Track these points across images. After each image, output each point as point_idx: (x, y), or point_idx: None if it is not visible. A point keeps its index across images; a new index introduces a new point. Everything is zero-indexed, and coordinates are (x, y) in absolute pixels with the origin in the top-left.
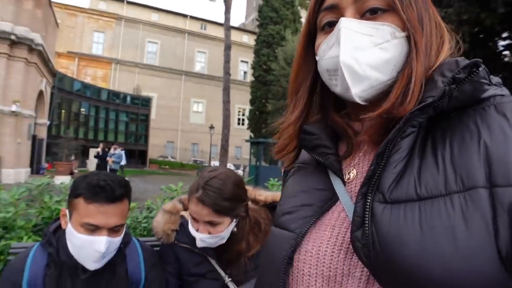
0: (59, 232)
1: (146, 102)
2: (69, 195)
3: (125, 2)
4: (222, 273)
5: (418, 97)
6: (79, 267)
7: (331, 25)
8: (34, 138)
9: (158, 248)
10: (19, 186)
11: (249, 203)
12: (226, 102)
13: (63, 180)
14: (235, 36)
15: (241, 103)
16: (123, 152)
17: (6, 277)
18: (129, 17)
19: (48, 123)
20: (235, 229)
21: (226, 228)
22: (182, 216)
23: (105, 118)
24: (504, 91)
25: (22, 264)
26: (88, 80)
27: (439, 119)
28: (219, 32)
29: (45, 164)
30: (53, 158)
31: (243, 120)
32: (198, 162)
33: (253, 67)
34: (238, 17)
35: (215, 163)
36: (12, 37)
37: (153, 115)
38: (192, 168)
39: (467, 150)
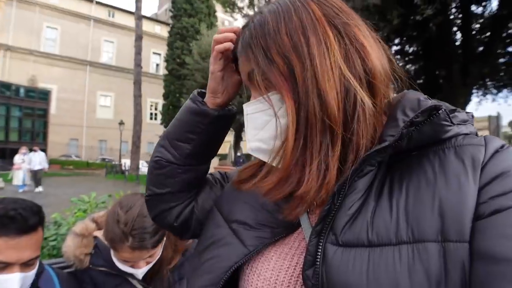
0: None
1: (44, 95)
2: None
3: None
4: None
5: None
6: None
7: None
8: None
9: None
10: None
11: None
12: (138, 96)
13: None
14: (146, 26)
15: (154, 97)
16: (42, 153)
17: None
18: None
19: None
20: None
21: (160, 250)
22: (95, 237)
23: None
24: (469, 128)
25: None
26: None
27: (399, 156)
28: (129, 21)
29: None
30: None
31: (156, 114)
32: (106, 160)
33: (166, 60)
34: (150, 6)
35: (126, 161)
36: None
37: (53, 109)
38: (100, 167)
39: (422, 200)
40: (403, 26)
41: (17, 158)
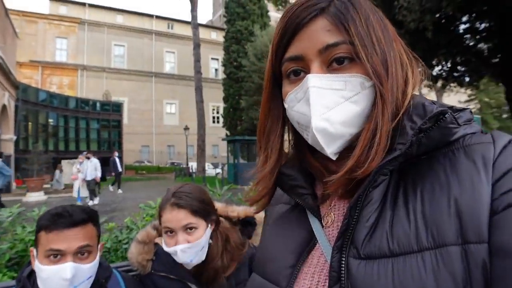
0: (34, 275)
1: (117, 107)
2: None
3: (86, 5)
4: None
5: (384, 151)
6: None
7: (297, 73)
8: (0, 155)
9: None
10: None
11: (222, 220)
12: (200, 102)
13: (36, 197)
14: (203, 33)
15: (215, 101)
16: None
17: None
18: (92, 21)
19: (15, 137)
20: (211, 241)
21: (203, 234)
22: (156, 244)
23: (75, 127)
24: (474, 128)
25: None
26: (54, 89)
27: (410, 163)
28: (187, 31)
29: None
30: (23, 174)
31: (218, 118)
32: (175, 164)
33: (224, 65)
34: (205, 14)
35: (193, 164)
36: None
37: (125, 120)
38: (169, 171)
39: (437, 204)
40: (469, 2)
41: (74, 168)
